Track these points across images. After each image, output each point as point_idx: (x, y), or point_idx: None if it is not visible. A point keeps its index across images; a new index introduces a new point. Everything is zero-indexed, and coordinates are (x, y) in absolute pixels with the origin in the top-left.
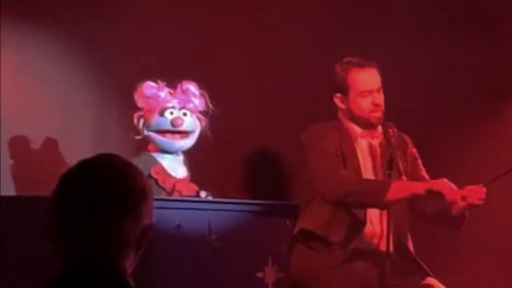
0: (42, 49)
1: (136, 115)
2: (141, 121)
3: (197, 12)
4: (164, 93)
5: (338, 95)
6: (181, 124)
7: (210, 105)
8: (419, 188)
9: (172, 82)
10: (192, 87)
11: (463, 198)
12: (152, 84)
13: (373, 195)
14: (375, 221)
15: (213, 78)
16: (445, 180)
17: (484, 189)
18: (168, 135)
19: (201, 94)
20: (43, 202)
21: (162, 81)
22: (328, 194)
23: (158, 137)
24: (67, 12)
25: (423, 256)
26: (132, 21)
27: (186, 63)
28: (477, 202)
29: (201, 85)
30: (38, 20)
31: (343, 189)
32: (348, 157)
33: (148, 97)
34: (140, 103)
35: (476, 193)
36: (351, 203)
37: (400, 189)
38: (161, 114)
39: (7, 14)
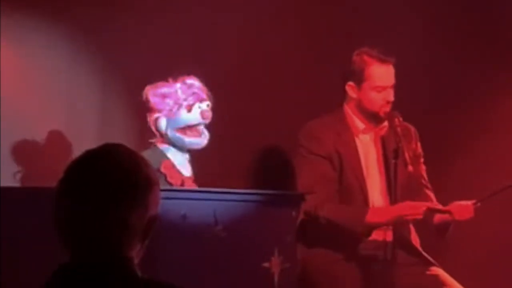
0: (44, 40)
1: (152, 118)
2: (162, 122)
3: (199, 6)
4: (179, 90)
5: (351, 83)
6: (210, 116)
7: (210, 96)
8: (390, 214)
9: (173, 75)
10: (196, 82)
11: (449, 213)
12: (164, 83)
13: (348, 228)
14: None
15: (216, 71)
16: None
17: (472, 207)
18: (188, 132)
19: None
20: (46, 193)
21: (168, 78)
22: (308, 213)
23: (182, 137)
24: (69, 2)
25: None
26: (134, 11)
27: (188, 56)
28: (462, 219)
29: (205, 79)
30: (40, 10)
31: (319, 214)
32: (345, 157)
33: (166, 96)
34: (157, 105)
35: (463, 209)
36: (328, 228)
37: (377, 215)
38: (189, 110)
39: (8, 4)
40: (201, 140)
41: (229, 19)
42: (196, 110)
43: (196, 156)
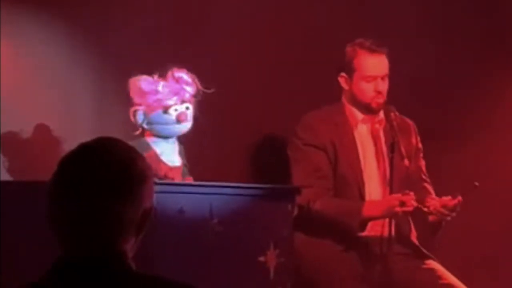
0: (43, 37)
1: (132, 111)
2: (140, 115)
3: (198, 3)
4: (161, 87)
5: (343, 74)
6: (186, 119)
7: (201, 88)
8: (381, 207)
9: (170, 66)
10: (184, 75)
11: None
12: (148, 78)
13: (342, 222)
14: None
15: (214, 65)
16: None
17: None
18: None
19: (192, 80)
20: (43, 187)
21: (155, 71)
22: (300, 207)
23: (159, 126)
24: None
25: None
26: (134, 8)
27: (187, 53)
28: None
29: (201, 69)
30: (39, 7)
31: (312, 208)
32: (341, 148)
33: (146, 93)
34: (137, 99)
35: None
36: (321, 222)
37: (371, 208)
38: (165, 111)
39: (7, 1)
40: (181, 126)
41: (227, 15)
42: (172, 112)
43: (192, 149)
